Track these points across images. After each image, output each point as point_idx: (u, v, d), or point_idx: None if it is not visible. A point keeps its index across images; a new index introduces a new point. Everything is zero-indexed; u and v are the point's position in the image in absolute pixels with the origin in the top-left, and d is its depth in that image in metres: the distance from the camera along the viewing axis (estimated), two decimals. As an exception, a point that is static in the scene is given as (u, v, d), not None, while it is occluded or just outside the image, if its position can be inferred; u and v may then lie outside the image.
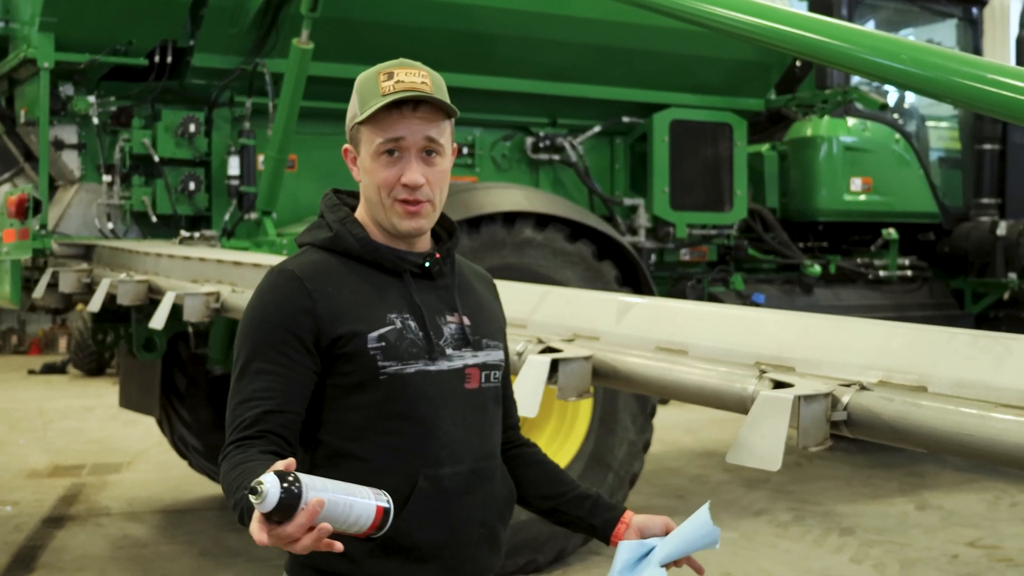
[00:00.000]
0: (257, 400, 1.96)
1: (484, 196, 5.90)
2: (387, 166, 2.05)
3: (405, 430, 2.02)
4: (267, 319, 2.02)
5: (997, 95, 2.35)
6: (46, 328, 17.65)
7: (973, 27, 8.45)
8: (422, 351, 2.04)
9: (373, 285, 2.07)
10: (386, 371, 2.01)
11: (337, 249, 2.10)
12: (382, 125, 2.04)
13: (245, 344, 2.02)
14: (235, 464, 1.89)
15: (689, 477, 8.24)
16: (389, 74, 2.05)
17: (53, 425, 10.84)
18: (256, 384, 1.98)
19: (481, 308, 2.21)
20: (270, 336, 2.00)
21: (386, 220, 2.09)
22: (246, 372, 2.00)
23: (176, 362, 6.84)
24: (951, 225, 8.25)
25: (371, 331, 2.01)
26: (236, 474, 1.85)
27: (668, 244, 7.25)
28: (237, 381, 2.01)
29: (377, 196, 2.07)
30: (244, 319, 2.07)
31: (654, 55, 6.93)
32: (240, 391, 1.99)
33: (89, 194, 6.17)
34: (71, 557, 6.19)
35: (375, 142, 2.05)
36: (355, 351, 2.00)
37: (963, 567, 5.99)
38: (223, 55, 6.08)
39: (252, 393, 1.97)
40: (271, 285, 2.06)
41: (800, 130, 7.84)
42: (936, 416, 1.74)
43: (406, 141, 2.04)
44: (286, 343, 1.99)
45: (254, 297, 2.08)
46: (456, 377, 2.09)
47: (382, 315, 2.04)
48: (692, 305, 2.62)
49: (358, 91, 2.08)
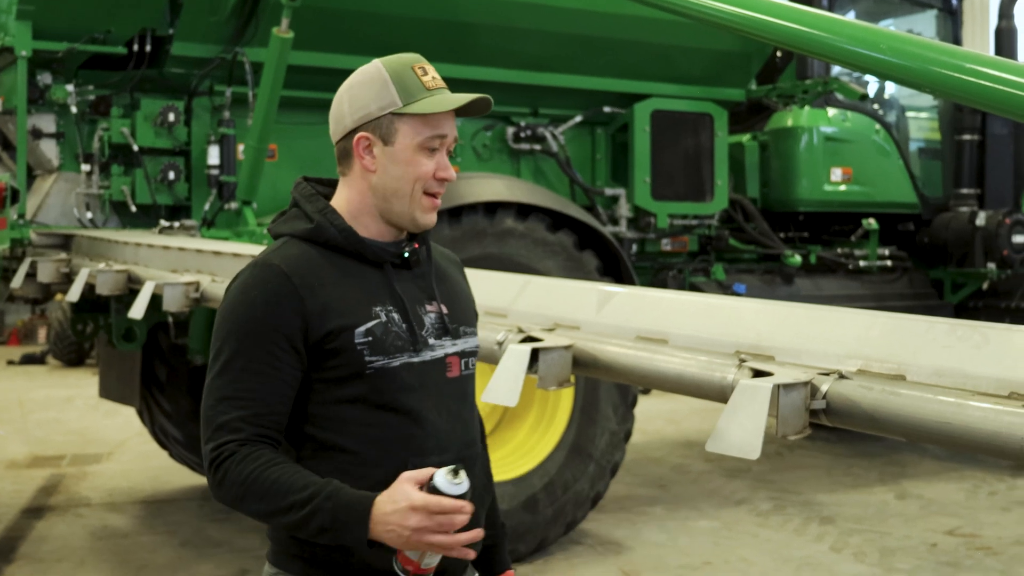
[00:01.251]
0: (245, 400, 1.97)
1: (465, 186, 5.89)
2: (428, 159, 2.07)
3: (391, 422, 2.03)
4: (254, 317, 2.00)
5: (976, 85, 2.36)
6: (25, 318, 17.54)
7: (953, 17, 8.47)
8: (407, 343, 2.05)
9: (355, 277, 2.07)
10: (373, 366, 2.01)
11: (318, 240, 2.08)
12: (432, 120, 2.06)
13: (229, 339, 2.01)
14: (267, 463, 1.91)
15: (670, 467, 8.27)
16: (423, 69, 2.09)
17: (33, 416, 10.79)
18: (243, 383, 1.97)
19: (457, 295, 2.23)
20: (258, 335, 1.99)
21: (407, 212, 2.09)
22: (230, 368, 1.99)
23: (156, 352, 6.81)
24: (931, 215, 8.28)
25: (358, 326, 2.01)
26: (285, 473, 1.90)
27: (649, 234, 7.26)
28: (219, 375, 2.00)
29: (409, 187, 2.07)
30: (227, 311, 2.04)
31: (635, 45, 6.92)
32: (224, 387, 1.98)
33: (68, 183, 6.13)
34: (51, 548, 6.17)
35: (422, 135, 2.06)
36: (342, 347, 2.00)
37: (942, 555, 6.03)
38: (203, 44, 6.05)
39: (238, 392, 1.97)
40: (257, 280, 2.03)
41: (781, 120, 7.85)
42: (914, 405, 1.75)
43: (448, 138, 2.09)
44: (274, 342, 1.98)
45: (238, 290, 2.05)
46: (438, 367, 2.10)
47: (367, 309, 2.04)
48: (672, 294, 2.62)
49: (396, 81, 2.06)
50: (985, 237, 7.93)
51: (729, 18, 2.97)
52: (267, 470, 1.91)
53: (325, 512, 1.87)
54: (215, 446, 1.95)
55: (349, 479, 1.96)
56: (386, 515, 1.85)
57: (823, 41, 2.74)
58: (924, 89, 2.74)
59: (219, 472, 1.94)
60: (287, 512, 1.89)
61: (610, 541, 6.27)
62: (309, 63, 5.91)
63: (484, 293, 2.96)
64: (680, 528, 6.54)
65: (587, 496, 6.06)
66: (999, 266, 7.95)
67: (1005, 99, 2.31)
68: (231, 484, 1.93)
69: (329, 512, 1.87)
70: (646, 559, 5.96)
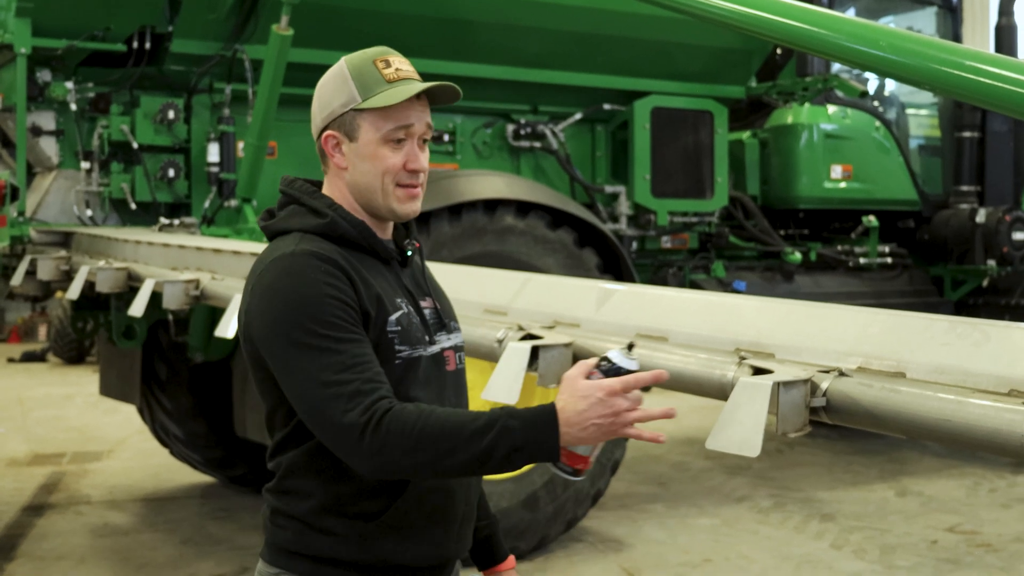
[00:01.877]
0: (361, 365, 1.90)
1: (465, 183, 5.89)
2: (394, 152, 2.06)
3: None
4: (323, 293, 1.93)
5: (976, 82, 2.36)
6: (25, 316, 17.55)
7: (953, 15, 8.47)
8: (423, 336, 2.07)
9: (373, 271, 2.06)
10: (401, 355, 2.02)
11: (332, 235, 2.06)
12: (393, 112, 2.04)
13: (305, 321, 1.91)
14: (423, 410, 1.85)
15: (670, 464, 8.27)
16: (386, 61, 2.06)
17: (33, 413, 10.80)
18: (347, 353, 1.90)
19: (439, 291, 2.26)
20: (333, 308, 1.92)
21: (384, 205, 2.08)
22: (327, 346, 1.90)
23: (156, 350, 6.81)
24: (931, 212, 8.28)
25: (391, 315, 2.02)
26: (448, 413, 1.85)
27: (649, 231, 7.25)
28: (319, 357, 1.89)
29: (379, 182, 2.07)
30: (287, 299, 1.95)
31: (635, 42, 6.92)
32: (333, 365, 1.88)
33: (67, 181, 6.13)
34: (51, 546, 6.17)
35: (383, 128, 2.05)
36: (379, 333, 2.00)
37: (942, 552, 6.03)
38: (202, 41, 6.05)
39: (350, 361, 1.89)
40: (305, 265, 1.96)
41: (781, 117, 7.85)
42: (914, 402, 1.75)
43: (414, 128, 2.07)
44: (348, 315, 1.93)
45: (286, 277, 1.96)
46: (440, 360, 2.12)
47: (392, 299, 2.04)
48: (672, 292, 2.63)
49: (355, 77, 2.06)
50: (985, 234, 7.92)
51: (729, 15, 2.97)
52: (431, 415, 1.84)
53: (513, 431, 1.81)
54: (362, 410, 1.85)
55: (347, 475, 1.96)
56: (580, 413, 1.81)
57: (823, 38, 2.74)
58: (924, 86, 2.74)
59: (379, 432, 1.83)
60: (469, 443, 1.81)
61: (610, 539, 6.27)
62: (309, 60, 5.90)
63: (484, 291, 2.97)
64: (680, 525, 6.55)
65: (587, 494, 6.06)
66: (999, 263, 7.95)
67: (1005, 96, 2.31)
68: (397, 438, 1.83)
69: (519, 429, 1.81)
70: (646, 556, 5.96)
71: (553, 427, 1.82)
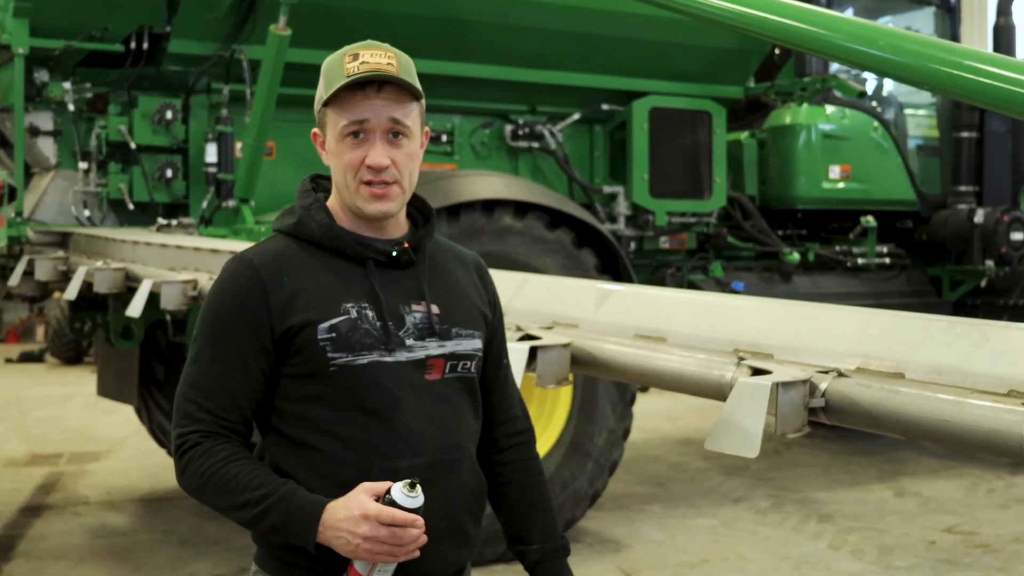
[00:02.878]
0: (212, 391, 2.00)
1: (463, 184, 5.88)
2: (352, 148, 2.03)
3: (359, 421, 1.99)
4: (224, 309, 2.04)
5: (975, 82, 2.36)
6: (23, 316, 17.54)
7: (951, 14, 8.47)
8: (377, 341, 2.01)
9: (335, 273, 2.04)
10: (336, 362, 1.98)
11: (300, 235, 2.08)
12: (347, 107, 2.01)
13: (203, 329, 2.05)
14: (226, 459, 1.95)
15: (669, 464, 8.27)
16: (355, 55, 2.02)
17: (31, 414, 10.78)
18: (210, 374, 2.01)
19: (457, 295, 2.16)
20: (226, 327, 2.02)
21: (353, 204, 2.06)
22: (201, 358, 2.03)
23: (154, 350, 6.81)
24: (929, 213, 8.28)
25: (322, 321, 1.99)
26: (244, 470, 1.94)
27: (648, 232, 7.25)
28: (191, 364, 2.04)
29: (343, 179, 2.05)
30: (204, 303, 2.10)
31: (633, 42, 6.92)
32: (193, 376, 2.02)
33: (65, 181, 6.13)
34: (49, 546, 6.16)
35: (339, 124, 2.03)
36: (305, 342, 1.98)
37: (941, 553, 6.03)
38: (200, 41, 6.04)
39: (206, 382, 2.01)
40: (230, 274, 2.07)
41: (779, 118, 7.85)
42: (913, 402, 1.74)
43: (371, 123, 2.01)
44: (241, 335, 2.00)
45: (216, 283, 2.09)
46: (416, 368, 2.04)
47: (336, 305, 2.01)
48: (671, 292, 2.62)
49: (324, 73, 2.06)
50: (983, 234, 7.93)
51: (728, 15, 2.97)
52: (226, 465, 1.94)
53: (277, 512, 1.91)
54: (180, 434, 1.99)
55: (316, 476, 1.97)
56: (338, 521, 1.88)
57: (822, 38, 2.74)
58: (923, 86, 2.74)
59: (182, 460, 1.98)
60: (241, 508, 1.93)
61: (609, 539, 6.27)
62: (307, 60, 5.88)
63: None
64: (678, 526, 6.54)
65: (585, 494, 6.05)
66: (997, 263, 7.95)
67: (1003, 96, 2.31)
68: (192, 474, 1.96)
69: (281, 513, 1.90)
70: (644, 557, 5.96)
71: (313, 523, 1.91)
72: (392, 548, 1.88)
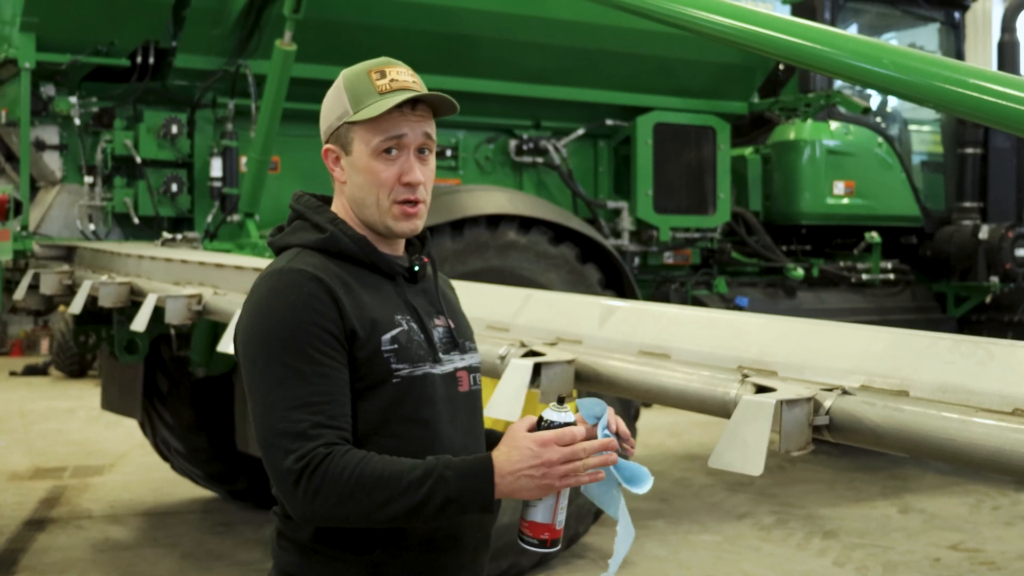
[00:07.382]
0: (318, 404, 1.88)
1: (467, 199, 5.89)
2: (388, 165, 2.02)
3: (411, 433, 1.98)
4: (300, 320, 1.92)
5: (979, 99, 2.36)
6: (28, 330, 17.53)
7: (955, 31, 8.48)
8: (428, 354, 2.02)
9: (372, 287, 2.03)
10: (399, 374, 1.97)
11: (332, 250, 2.04)
12: (382, 124, 2.00)
13: (276, 347, 1.91)
14: (363, 459, 1.84)
15: (672, 480, 8.25)
16: (381, 72, 2.02)
17: (35, 427, 10.78)
18: (309, 387, 1.89)
19: (457, 310, 2.21)
20: (309, 336, 1.91)
21: (380, 222, 2.05)
22: (289, 376, 1.89)
23: (158, 364, 6.81)
24: (933, 229, 8.28)
25: (385, 333, 1.98)
26: (387, 462, 1.84)
27: (651, 247, 7.25)
28: (280, 386, 1.89)
29: (374, 197, 2.03)
30: (264, 321, 1.95)
31: (637, 58, 6.93)
32: (289, 397, 1.88)
33: (71, 195, 6.14)
34: (52, 560, 6.16)
35: (373, 141, 2.01)
36: (371, 353, 1.96)
37: (945, 570, 6.01)
38: (206, 56, 6.07)
39: (310, 396, 1.88)
40: (290, 285, 1.95)
41: (783, 133, 7.85)
42: (917, 420, 1.74)
43: (406, 139, 2.01)
44: (325, 342, 1.92)
45: (269, 298, 1.96)
46: (452, 380, 2.07)
47: (390, 316, 2.00)
48: (674, 309, 2.62)
49: (348, 89, 2.03)
50: (988, 250, 7.92)
51: (732, 32, 2.97)
52: (368, 464, 1.84)
53: (448, 481, 1.82)
54: (299, 456, 1.84)
55: None
56: (514, 463, 1.83)
57: (826, 55, 2.74)
58: (927, 104, 2.74)
59: (314, 479, 1.83)
60: (404, 495, 1.81)
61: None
62: (312, 75, 5.91)
63: (486, 307, 2.96)
64: (682, 542, 6.53)
65: (589, 510, 6.03)
66: (1002, 279, 7.95)
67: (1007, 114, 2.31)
68: (332, 485, 1.82)
69: (452, 481, 1.82)
70: (648, 573, 5.94)
71: (488, 477, 1.83)
72: (576, 464, 1.85)
